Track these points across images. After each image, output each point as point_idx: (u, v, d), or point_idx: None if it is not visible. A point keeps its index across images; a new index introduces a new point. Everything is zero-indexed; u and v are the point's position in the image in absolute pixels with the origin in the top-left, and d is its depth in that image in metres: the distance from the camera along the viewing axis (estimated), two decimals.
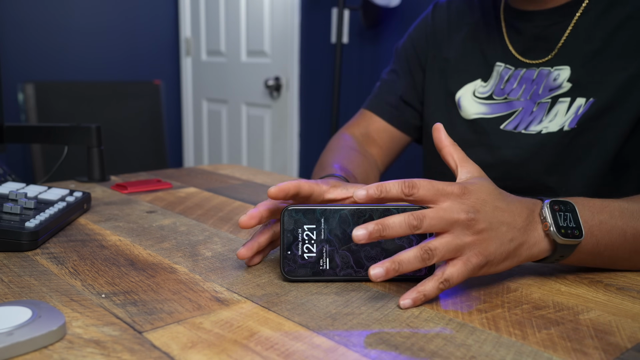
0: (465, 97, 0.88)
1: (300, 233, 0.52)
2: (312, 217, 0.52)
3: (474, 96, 0.87)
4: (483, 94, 0.86)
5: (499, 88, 0.85)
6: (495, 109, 0.85)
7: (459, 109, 0.88)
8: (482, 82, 0.87)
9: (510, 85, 0.84)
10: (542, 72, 0.81)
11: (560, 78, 0.79)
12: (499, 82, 0.85)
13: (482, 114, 0.86)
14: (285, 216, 0.52)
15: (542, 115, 0.80)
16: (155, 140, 2.98)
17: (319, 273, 0.52)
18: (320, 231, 0.52)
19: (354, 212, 0.52)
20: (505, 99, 0.84)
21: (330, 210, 0.53)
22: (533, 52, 0.83)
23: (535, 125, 0.80)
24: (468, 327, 0.44)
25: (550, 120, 0.79)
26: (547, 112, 0.79)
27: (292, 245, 0.52)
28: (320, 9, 2.45)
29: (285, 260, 0.52)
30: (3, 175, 1.71)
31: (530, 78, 0.82)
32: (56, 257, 0.59)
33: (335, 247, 0.52)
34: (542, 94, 0.80)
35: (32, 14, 2.67)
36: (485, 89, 0.86)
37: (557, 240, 0.50)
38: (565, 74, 0.79)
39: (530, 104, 0.82)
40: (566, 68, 0.79)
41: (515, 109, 0.83)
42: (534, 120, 0.81)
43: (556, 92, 0.79)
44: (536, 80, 0.81)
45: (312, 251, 0.52)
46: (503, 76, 0.85)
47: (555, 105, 0.79)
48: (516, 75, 0.83)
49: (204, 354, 0.39)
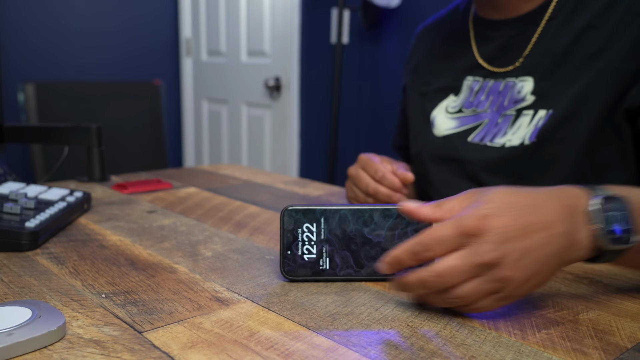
0: (439, 115, 0.89)
1: (300, 233, 0.52)
2: (312, 216, 0.52)
3: (446, 112, 0.88)
4: (454, 109, 0.87)
5: (468, 101, 0.85)
6: (464, 122, 0.85)
7: (432, 127, 0.89)
8: (453, 97, 0.88)
9: (478, 97, 0.84)
10: (508, 84, 0.80)
11: (523, 90, 0.78)
12: (468, 95, 0.86)
13: (452, 128, 0.86)
14: (285, 216, 0.52)
15: (507, 127, 0.79)
16: (156, 141, 2.98)
17: (319, 273, 0.52)
18: (320, 231, 0.52)
19: (354, 212, 0.52)
20: (473, 111, 0.84)
21: (330, 210, 0.53)
22: (499, 62, 0.82)
23: (500, 138, 0.80)
24: (468, 326, 0.44)
25: (514, 132, 0.78)
26: (512, 124, 0.79)
27: (292, 245, 0.52)
28: (320, 9, 2.45)
29: (285, 260, 0.52)
30: (3, 175, 1.71)
31: (497, 89, 0.82)
32: (56, 257, 0.59)
33: (335, 247, 0.52)
34: (507, 105, 0.80)
35: (32, 14, 2.67)
36: (456, 103, 0.87)
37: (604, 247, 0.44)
38: (528, 86, 0.78)
39: (495, 116, 0.81)
40: (529, 79, 0.78)
41: (482, 120, 0.83)
42: (499, 133, 0.80)
43: (520, 104, 0.78)
44: (502, 92, 0.81)
45: (311, 251, 0.52)
46: (473, 88, 0.85)
47: (519, 117, 0.78)
48: (484, 87, 0.83)
49: (204, 354, 0.39)
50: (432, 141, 0.89)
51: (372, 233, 0.52)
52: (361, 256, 0.52)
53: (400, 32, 2.17)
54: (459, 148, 0.85)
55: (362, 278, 0.53)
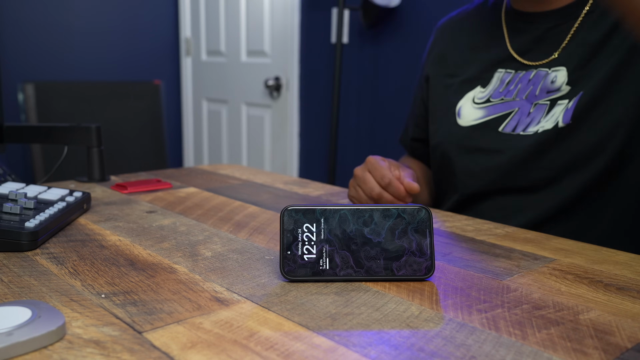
0: (465, 106, 0.89)
1: (300, 233, 0.52)
2: (312, 216, 0.52)
3: (473, 103, 0.88)
4: (482, 99, 0.87)
5: (497, 91, 0.85)
6: (492, 111, 0.85)
7: (458, 118, 0.89)
8: (481, 88, 0.88)
9: (508, 88, 0.84)
10: (540, 73, 0.81)
11: (557, 80, 0.79)
12: (498, 86, 0.85)
13: (479, 118, 0.86)
14: (285, 216, 0.52)
15: (541, 117, 0.80)
16: (155, 140, 2.98)
17: (319, 273, 0.52)
18: (320, 231, 0.52)
19: (354, 212, 0.52)
20: (501, 100, 0.84)
21: (330, 210, 0.52)
22: (533, 54, 0.83)
23: (533, 127, 0.80)
24: (468, 327, 0.44)
25: (547, 120, 0.79)
26: (546, 114, 0.79)
27: (292, 245, 0.52)
28: (320, 9, 2.45)
29: (285, 260, 0.52)
30: (3, 175, 1.71)
31: (527, 78, 0.82)
32: (56, 257, 0.59)
33: (335, 247, 0.52)
34: (539, 95, 0.80)
35: (32, 14, 2.67)
36: (484, 94, 0.87)
37: None
38: (562, 76, 0.78)
39: (526, 105, 0.81)
40: (562, 69, 0.78)
41: (512, 109, 0.83)
42: (532, 122, 0.80)
43: (554, 94, 0.79)
44: (533, 81, 0.81)
45: (311, 252, 0.52)
46: (504, 80, 0.85)
47: (554, 107, 0.79)
48: (515, 79, 0.84)
49: (204, 354, 0.39)
50: (457, 132, 0.89)
51: (372, 233, 0.52)
52: (361, 256, 0.52)
53: (400, 32, 2.17)
54: (489, 138, 0.85)
55: (362, 278, 0.53)
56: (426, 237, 0.52)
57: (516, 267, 0.58)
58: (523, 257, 0.61)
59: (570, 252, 0.63)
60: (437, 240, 0.66)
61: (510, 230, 0.72)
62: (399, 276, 0.52)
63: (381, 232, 0.52)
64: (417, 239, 0.53)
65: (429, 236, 0.52)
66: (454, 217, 0.79)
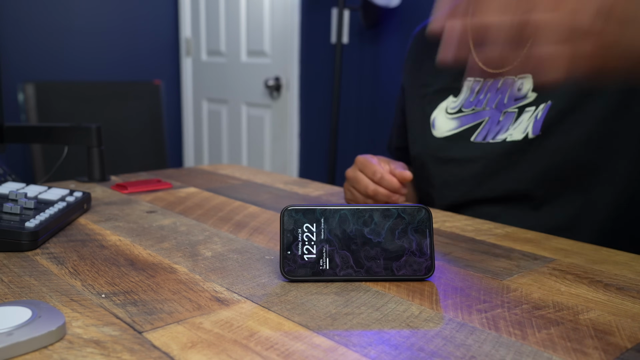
0: (439, 117, 0.89)
1: (300, 233, 0.52)
2: (312, 216, 0.52)
3: (446, 113, 0.88)
4: (454, 109, 0.87)
5: (468, 100, 0.86)
6: (464, 121, 0.85)
7: (433, 129, 0.89)
8: (453, 98, 0.88)
9: (478, 97, 0.84)
10: (507, 81, 0.81)
11: (524, 88, 0.79)
12: (469, 95, 0.86)
13: (453, 129, 0.87)
14: (285, 216, 0.52)
15: (509, 124, 0.80)
16: (155, 141, 2.98)
17: (319, 273, 0.52)
18: (320, 231, 0.52)
19: (354, 212, 0.52)
20: (472, 110, 0.85)
21: (330, 210, 0.53)
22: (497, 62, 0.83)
23: (502, 134, 0.80)
24: (468, 327, 0.44)
25: (515, 128, 0.79)
26: (514, 121, 0.79)
27: (292, 245, 0.52)
28: (320, 9, 2.45)
29: (285, 260, 0.52)
30: (3, 175, 1.71)
31: (495, 87, 0.82)
32: (56, 257, 0.59)
33: (335, 247, 0.52)
34: (507, 103, 0.80)
35: (32, 14, 2.67)
36: (456, 104, 0.87)
37: None
38: (528, 83, 0.78)
39: (496, 113, 0.82)
40: (528, 76, 0.78)
41: (483, 118, 0.83)
42: (502, 130, 0.81)
43: (522, 102, 0.79)
44: (501, 89, 0.81)
45: (311, 251, 0.52)
46: (474, 89, 0.85)
47: (522, 114, 0.79)
48: (484, 87, 0.84)
49: (204, 354, 0.39)
50: (432, 143, 0.89)
51: (372, 233, 0.52)
52: (361, 256, 0.52)
53: (400, 32, 2.17)
54: (461, 148, 0.85)
55: (362, 278, 0.53)
56: (426, 237, 0.52)
57: (516, 267, 0.58)
58: (523, 257, 0.61)
59: (570, 252, 0.63)
60: (437, 240, 0.66)
61: (510, 230, 0.72)
62: (399, 276, 0.52)
63: (381, 232, 0.52)
64: (417, 239, 0.53)
65: (429, 236, 0.52)
66: (454, 217, 0.79)
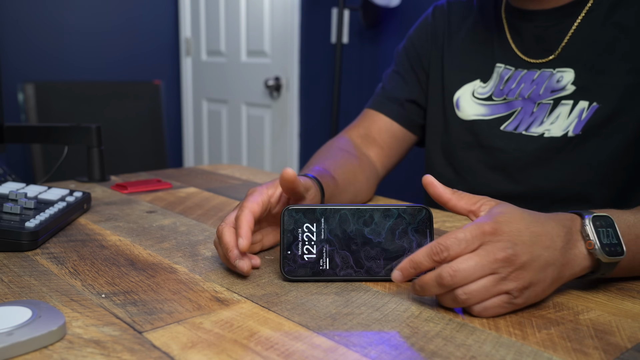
0: (464, 98, 0.88)
1: (300, 233, 0.52)
2: (312, 216, 0.52)
3: (473, 97, 0.87)
4: (482, 95, 0.86)
5: (498, 89, 0.85)
6: (495, 110, 0.84)
7: (457, 109, 0.88)
8: (481, 83, 0.87)
9: (509, 86, 0.83)
10: (544, 74, 0.80)
11: (564, 80, 0.78)
12: (498, 82, 0.85)
13: (481, 115, 0.85)
14: (286, 216, 0.52)
15: (544, 117, 0.79)
16: (155, 140, 2.98)
17: (319, 273, 0.52)
18: (320, 231, 0.52)
19: (354, 212, 0.52)
20: (504, 100, 0.84)
21: (330, 210, 0.52)
22: (534, 53, 0.82)
23: (537, 127, 0.80)
24: (468, 327, 0.44)
25: (552, 122, 0.78)
26: (549, 113, 0.79)
27: (292, 245, 0.52)
28: (320, 9, 2.45)
29: (285, 260, 0.52)
30: (3, 175, 1.71)
31: (531, 78, 0.82)
32: (56, 257, 0.59)
33: (335, 247, 0.52)
34: (542, 94, 0.80)
35: (32, 14, 2.67)
36: (485, 90, 0.86)
37: (601, 259, 0.48)
38: (569, 76, 0.78)
39: (529, 104, 0.81)
40: (570, 71, 0.78)
41: (515, 109, 0.82)
42: (535, 122, 0.80)
43: (559, 93, 0.78)
44: (537, 81, 0.81)
45: (312, 251, 0.52)
46: (503, 77, 0.84)
47: (557, 107, 0.78)
48: (516, 76, 0.83)
49: (204, 354, 0.39)
50: (458, 124, 0.88)
51: (372, 233, 0.52)
52: (361, 256, 0.52)
53: (400, 32, 2.17)
54: (490, 136, 0.84)
55: (362, 278, 0.53)
56: (426, 238, 0.52)
57: None
58: None
59: None
60: None
61: None
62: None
63: (381, 232, 0.52)
64: (418, 239, 0.53)
65: (429, 236, 0.52)
66: (454, 217, 0.79)
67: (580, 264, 0.48)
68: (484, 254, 0.44)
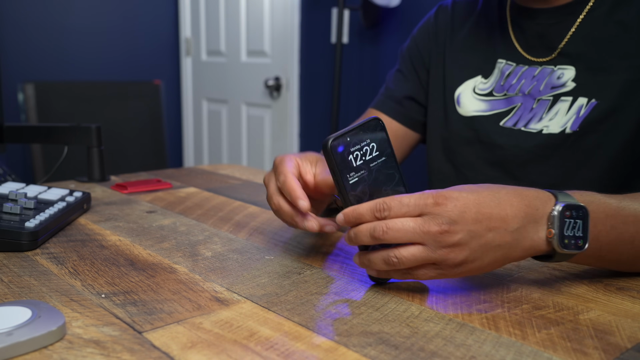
0: (465, 94, 0.88)
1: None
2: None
3: (473, 93, 0.87)
4: (483, 91, 0.87)
5: (499, 84, 0.85)
6: (494, 106, 0.85)
7: (457, 106, 0.88)
8: (482, 79, 0.87)
9: (509, 82, 0.84)
10: (545, 70, 0.81)
11: (564, 77, 0.79)
12: (499, 78, 0.85)
13: (481, 111, 0.86)
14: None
15: (543, 113, 0.80)
16: (155, 140, 2.98)
17: (348, 168, 0.49)
18: (367, 152, 0.50)
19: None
20: (504, 95, 0.84)
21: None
22: (536, 50, 0.83)
23: (535, 123, 0.80)
24: (468, 327, 0.44)
25: (551, 118, 0.79)
26: (548, 109, 0.79)
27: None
28: (320, 9, 2.45)
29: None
30: (3, 175, 1.71)
31: (532, 74, 0.82)
32: (56, 257, 0.59)
33: (367, 181, 0.50)
34: (543, 90, 0.80)
35: (32, 14, 2.67)
36: (486, 86, 0.87)
37: (556, 249, 0.48)
38: (569, 73, 0.78)
39: (529, 100, 0.81)
40: (570, 68, 0.79)
41: (514, 104, 0.83)
42: (534, 118, 0.80)
43: (559, 90, 0.79)
44: (537, 77, 0.81)
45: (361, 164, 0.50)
46: (504, 72, 0.85)
47: (557, 103, 0.79)
48: (517, 72, 0.83)
49: (204, 354, 0.39)
50: (458, 120, 0.88)
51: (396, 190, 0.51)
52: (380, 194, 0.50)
53: (400, 32, 2.17)
54: (489, 131, 0.84)
55: None
56: None
57: (516, 267, 0.58)
58: None
59: None
60: None
61: None
62: None
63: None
64: None
65: None
66: None
67: (535, 247, 0.49)
68: (420, 223, 0.46)
